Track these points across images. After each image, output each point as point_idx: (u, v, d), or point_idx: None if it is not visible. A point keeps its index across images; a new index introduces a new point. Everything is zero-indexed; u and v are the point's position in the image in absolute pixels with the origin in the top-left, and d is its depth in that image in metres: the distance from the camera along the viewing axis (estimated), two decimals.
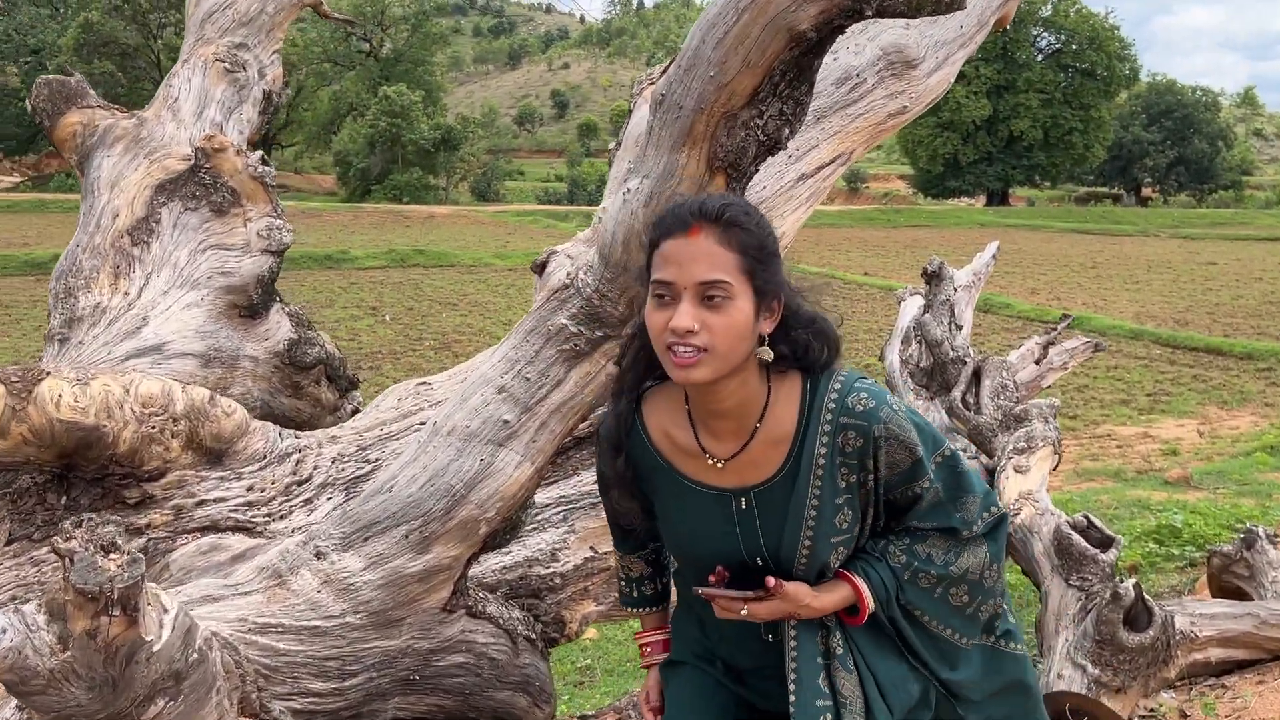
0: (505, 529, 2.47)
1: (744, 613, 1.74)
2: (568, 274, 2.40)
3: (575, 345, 2.38)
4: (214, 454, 2.70)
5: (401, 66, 62.19)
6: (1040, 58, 57.68)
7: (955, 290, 6.63)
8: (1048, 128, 56.12)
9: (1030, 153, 56.78)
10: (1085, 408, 14.27)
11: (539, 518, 3.01)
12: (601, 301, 2.34)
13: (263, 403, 3.40)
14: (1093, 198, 67.86)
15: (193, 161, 3.43)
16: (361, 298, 23.25)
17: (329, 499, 2.77)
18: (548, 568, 2.99)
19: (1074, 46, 56.98)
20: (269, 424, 2.87)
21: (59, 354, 2.96)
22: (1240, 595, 5.02)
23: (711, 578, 1.80)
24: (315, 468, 2.79)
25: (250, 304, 3.36)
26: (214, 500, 2.64)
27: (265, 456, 2.76)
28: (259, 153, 3.46)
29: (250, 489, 2.70)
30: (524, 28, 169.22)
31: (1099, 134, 57.37)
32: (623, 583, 2.09)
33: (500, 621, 2.65)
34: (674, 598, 2.07)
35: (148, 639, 1.71)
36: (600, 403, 2.54)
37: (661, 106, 2.17)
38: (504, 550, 2.90)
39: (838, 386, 1.72)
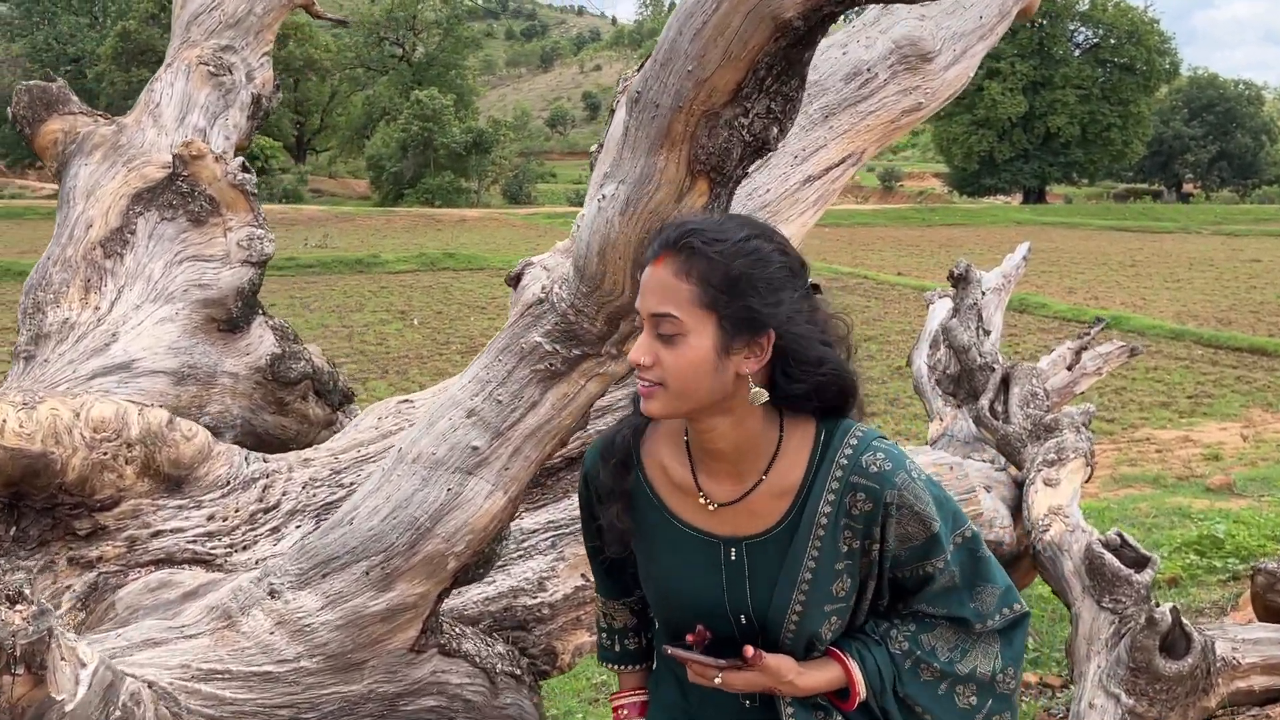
0: (477, 563, 2.29)
1: (717, 681, 1.56)
2: (543, 287, 2.22)
3: (551, 365, 2.20)
4: (173, 481, 2.55)
5: (434, 70, 62.47)
6: (1078, 53, 56.85)
7: (984, 294, 6.38)
8: (1085, 124, 55.29)
9: (1067, 149, 55.96)
10: (1123, 410, 13.90)
11: (525, 544, 2.83)
12: (578, 318, 2.16)
13: (244, 421, 3.25)
14: (1132, 194, 66.78)
15: (171, 169, 3.28)
16: (391, 301, 23.26)
17: (298, 527, 2.61)
18: (535, 597, 2.81)
19: (1112, 41, 56.09)
20: (235, 448, 2.71)
21: (23, 372, 2.83)
22: None
23: (690, 637, 1.62)
24: (284, 494, 2.63)
25: (230, 317, 3.21)
26: (171, 531, 2.48)
27: (229, 483, 2.60)
28: (240, 159, 3.31)
29: (211, 518, 2.54)
30: (555, 30, 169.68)
31: (1138, 130, 56.43)
32: (604, 634, 1.93)
33: (477, 660, 2.47)
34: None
35: (59, 699, 1.55)
36: (579, 426, 2.36)
37: (637, 105, 1.98)
38: (487, 580, 2.72)
39: (854, 442, 1.57)
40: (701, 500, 1.60)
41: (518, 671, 2.68)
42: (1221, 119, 67.71)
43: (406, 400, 2.99)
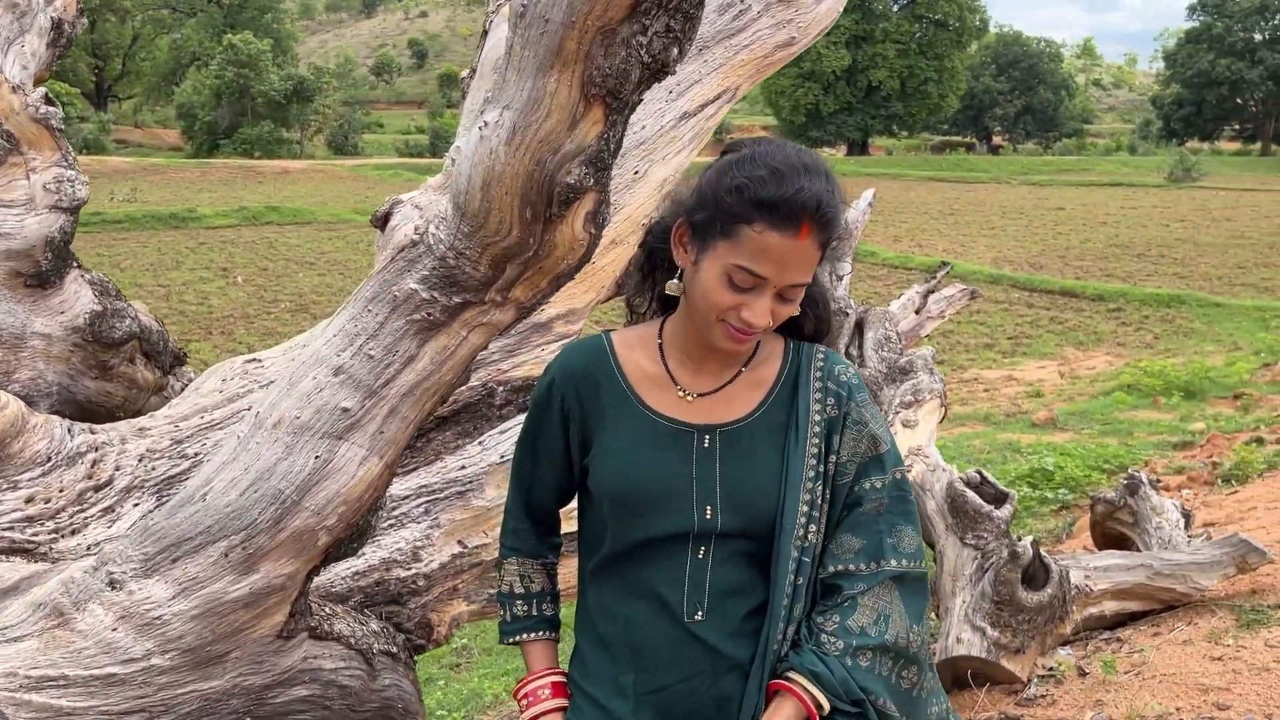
0: (351, 536, 2.07)
1: None
2: (416, 228, 1.99)
3: (429, 314, 1.98)
4: None
5: (247, 13, 59.09)
6: (896, 8, 58.67)
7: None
8: (904, 78, 57.32)
9: (888, 103, 57.94)
10: (951, 353, 14.52)
11: (396, 513, 2.61)
12: (459, 260, 1.94)
13: (61, 388, 2.88)
14: (947, 146, 69.85)
15: None
16: (211, 258, 21.98)
17: (136, 505, 2.30)
18: (409, 569, 2.60)
19: None
20: (55, 419, 2.36)
21: None
22: (1123, 541, 4.99)
23: None
24: (117, 468, 2.32)
25: (38, 271, 2.82)
26: None
27: (50, 459, 2.27)
28: (42, 90, 2.90)
29: (30, 500, 2.21)
30: None
31: (953, 84, 58.92)
32: (517, 602, 1.77)
33: (352, 641, 2.25)
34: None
35: None
36: (461, 382, 2.15)
37: (523, 21, 1.77)
38: (355, 553, 2.49)
39: (822, 353, 1.69)
40: (679, 393, 1.64)
41: (394, 649, 2.47)
42: (1026, 75, 71.49)
43: (254, 360, 2.70)
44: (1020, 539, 4.00)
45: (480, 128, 1.86)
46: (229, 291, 18.79)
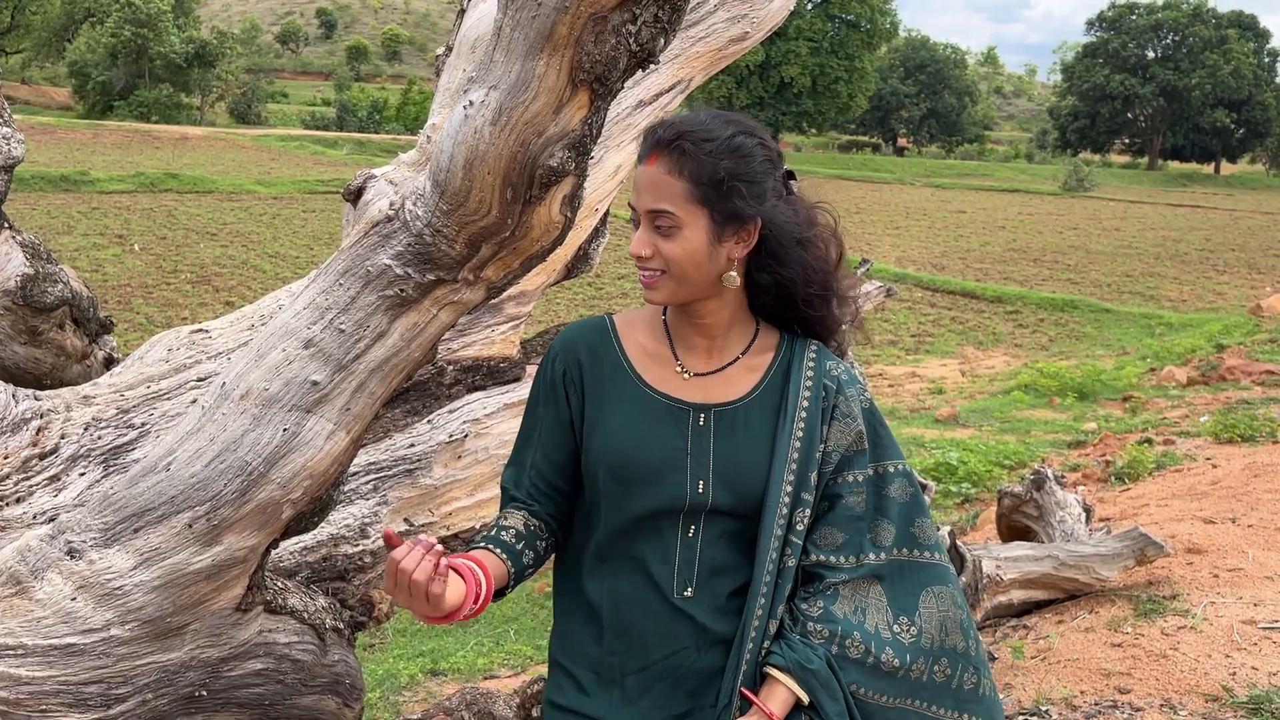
0: (314, 510, 2.06)
1: None
2: (391, 204, 1.99)
3: (401, 291, 1.98)
4: None
5: None
6: (810, 6, 59.47)
7: None
8: (816, 76, 58.16)
9: (799, 99, 58.74)
10: (858, 349, 14.85)
11: (345, 489, 2.60)
12: (435, 238, 1.94)
13: None
14: (854, 146, 71.21)
15: None
16: (106, 224, 21.16)
17: (82, 475, 2.24)
18: (356, 545, 2.59)
19: None
20: None
21: None
22: (1027, 534, 5.21)
23: None
24: (63, 436, 2.25)
25: None
26: None
27: None
28: None
29: None
30: None
31: (862, 84, 60.02)
32: (479, 536, 1.82)
33: (305, 616, 2.24)
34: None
35: None
36: (427, 360, 2.15)
37: (515, 3, 1.78)
38: None
39: (814, 348, 1.73)
40: (678, 370, 1.70)
41: (340, 625, 2.46)
42: (932, 79, 73.31)
43: (200, 330, 2.65)
44: (939, 528, 4.15)
45: (465, 106, 1.86)
46: (125, 260, 18.13)
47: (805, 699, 1.58)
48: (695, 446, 1.63)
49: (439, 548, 1.45)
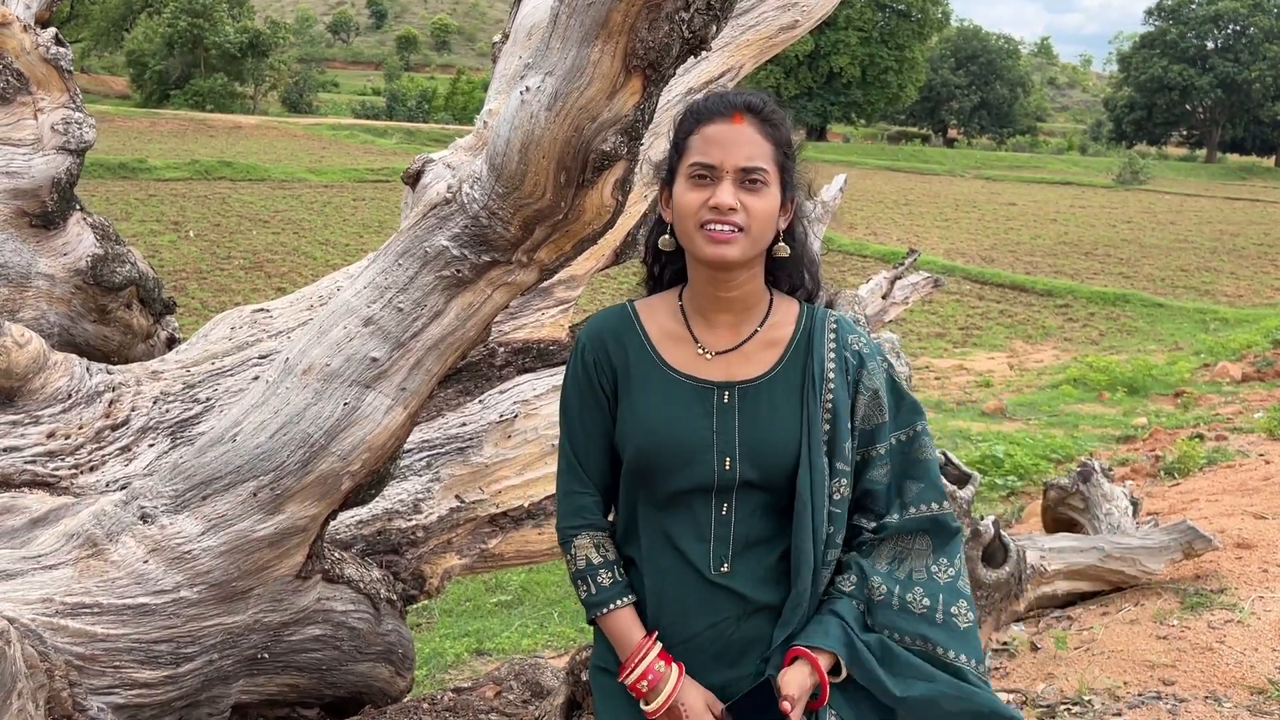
0: (371, 483, 2.13)
1: None
2: (449, 187, 2.05)
3: (458, 271, 2.04)
4: (4, 393, 2.22)
5: None
6: None
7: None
8: (865, 66, 57.58)
9: (848, 90, 58.19)
10: (905, 340, 14.74)
11: (400, 465, 2.67)
12: (491, 220, 2.00)
13: (61, 329, 2.89)
14: (904, 137, 70.48)
15: None
16: (162, 211, 21.57)
17: (151, 446, 2.34)
18: (409, 520, 2.66)
19: None
20: (74, 357, 2.39)
21: None
22: (1073, 526, 5.19)
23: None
24: (133, 409, 2.35)
25: (44, 211, 2.82)
26: (5, 450, 2.16)
27: (70, 396, 2.29)
28: (52, 30, 2.89)
29: (51, 435, 2.23)
30: None
31: (912, 75, 59.33)
32: (601, 573, 1.71)
33: (361, 585, 2.32)
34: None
35: None
36: (481, 339, 2.22)
37: None
38: None
39: (834, 320, 1.76)
40: (699, 351, 1.72)
41: (393, 597, 2.54)
42: (984, 70, 72.25)
43: (262, 309, 2.74)
44: (983, 518, 4.15)
45: (522, 92, 1.92)
46: (180, 246, 18.48)
47: (843, 672, 1.63)
48: (720, 424, 1.67)
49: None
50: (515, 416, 2.90)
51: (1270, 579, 4.19)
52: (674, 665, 1.66)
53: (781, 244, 1.70)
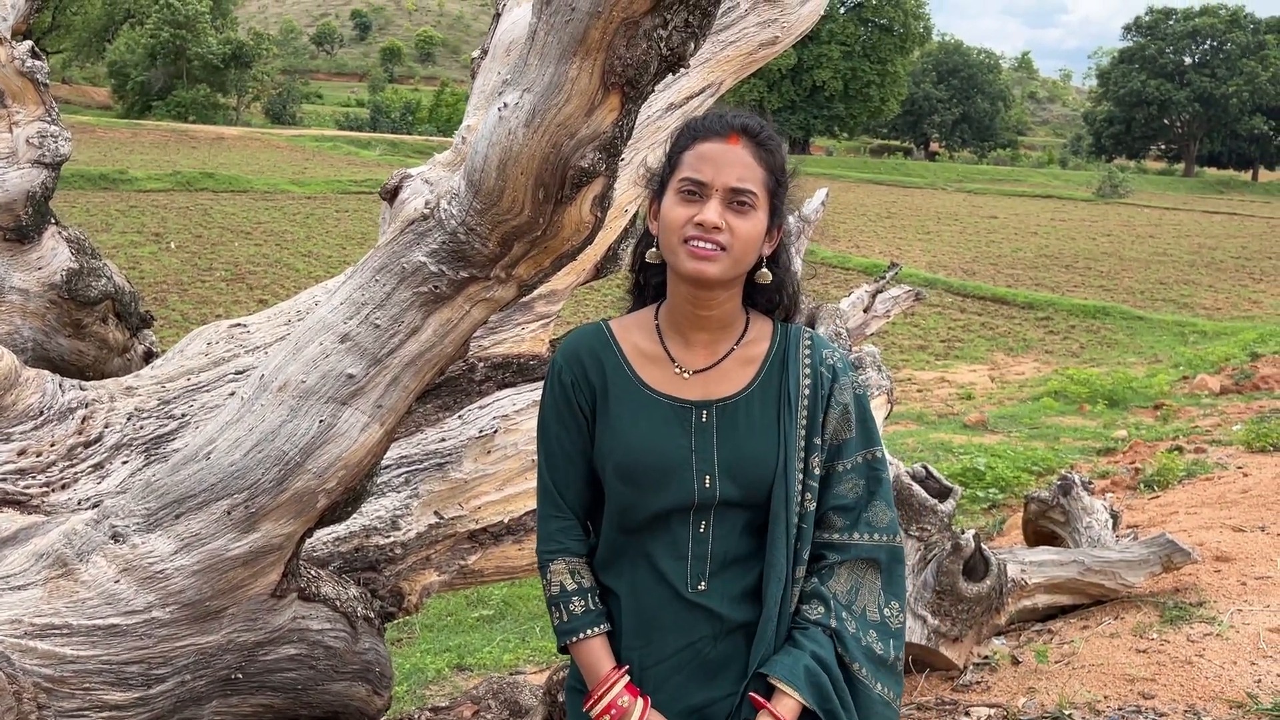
0: (347, 500, 2.11)
1: None
2: (427, 203, 2.04)
3: (435, 287, 2.03)
4: None
5: None
6: (843, 10, 59.26)
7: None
8: (848, 80, 57.95)
9: (831, 103, 58.54)
10: (886, 353, 14.80)
11: (377, 481, 2.65)
12: (469, 236, 2.00)
13: (36, 344, 2.86)
14: (886, 150, 70.90)
15: None
16: (143, 222, 21.47)
17: (125, 463, 2.31)
18: (388, 537, 2.64)
19: (874, 1, 58.83)
20: (46, 373, 2.36)
21: None
22: (1054, 539, 5.20)
23: None
24: (106, 425, 2.33)
25: (18, 225, 2.79)
26: None
27: (42, 413, 2.27)
28: (29, 43, 2.87)
29: (22, 453, 2.21)
30: None
31: (894, 88, 59.74)
32: (574, 600, 1.70)
33: (338, 604, 2.29)
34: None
35: None
36: (459, 355, 2.20)
37: (549, 7, 1.83)
38: None
39: (809, 337, 1.78)
40: (676, 370, 1.73)
41: (371, 615, 2.52)
42: (965, 84, 72.83)
43: (239, 324, 2.71)
44: (963, 532, 4.16)
45: (499, 109, 1.91)
46: (161, 257, 18.39)
47: (811, 706, 1.62)
48: (699, 443, 1.68)
49: None
50: (495, 432, 2.89)
51: (1249, 592, 4.21)
52: (639, 699, 1.66)
53: (764, 270, 1.72)
